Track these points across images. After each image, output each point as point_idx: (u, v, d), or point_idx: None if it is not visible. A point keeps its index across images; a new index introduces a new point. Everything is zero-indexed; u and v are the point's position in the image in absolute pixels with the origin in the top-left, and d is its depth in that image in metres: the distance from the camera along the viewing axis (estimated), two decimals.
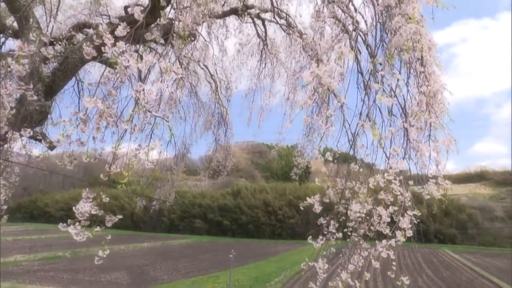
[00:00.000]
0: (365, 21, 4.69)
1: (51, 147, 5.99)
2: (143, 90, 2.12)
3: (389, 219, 3.22)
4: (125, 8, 6.19)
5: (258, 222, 40.47)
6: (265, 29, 7.42)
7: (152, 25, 2.92)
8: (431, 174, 3.26)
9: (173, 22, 2.88)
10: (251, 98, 8.55)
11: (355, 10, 4.56)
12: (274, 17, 6.58)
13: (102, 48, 2.20)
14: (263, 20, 7.15)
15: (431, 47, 3.58)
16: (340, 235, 3.55)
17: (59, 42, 5.69)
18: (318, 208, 3.57)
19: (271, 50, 7.61)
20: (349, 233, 3.74)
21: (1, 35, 4.54)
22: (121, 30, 2.37)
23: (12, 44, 5.93)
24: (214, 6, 2.76)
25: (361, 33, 4.21)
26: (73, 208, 2.37)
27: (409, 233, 3.06)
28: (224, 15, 5.84)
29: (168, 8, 4.04)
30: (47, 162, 8.31)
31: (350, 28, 4.01)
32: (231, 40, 7.62)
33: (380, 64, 3.48)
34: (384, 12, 3.51)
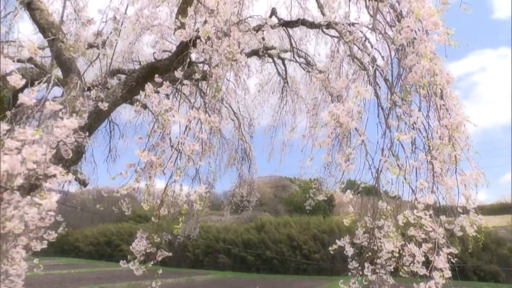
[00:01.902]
0: (382, 57, 4.82)
1: (84, 184, 6.35)
2: (185, 142, 2.37)
3: (423, 258, 3.02)
4: (154, 54, 6.73)
5: (282, 257, 39.18)
6: (285, 68, 7.74)
7: (186, 78, 3.22)
8: (460, 208, 3.15)
9: (199, 68, 3.15)
10: (273, 134, 8.76)
11: (371, 46, 4.72)
12: (293, 57, 6.89)
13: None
14: (283, 60, 7.49)
15: (449, 80, 3.60)
16: (373, 277, 3.46)
17: (95, 87, 6.21)
18: (349, 250, 3.54)
19: (292, 87, 7.88)
20: (377, 271, 3.63)
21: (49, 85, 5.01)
22: (165, 89, 2.73)
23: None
24: (240, 57, 3.01)
25: (378, 68, 4.32)
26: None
27: (448, 273, 2.78)
28: (246, 56, 6.19)
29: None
30: (79, 198, 8.74)
31: (367, 64, 4.14)
32: (252, 79, 8.00)
33: (401, 99, 3.52)
34: (399, 49, 3.62)
